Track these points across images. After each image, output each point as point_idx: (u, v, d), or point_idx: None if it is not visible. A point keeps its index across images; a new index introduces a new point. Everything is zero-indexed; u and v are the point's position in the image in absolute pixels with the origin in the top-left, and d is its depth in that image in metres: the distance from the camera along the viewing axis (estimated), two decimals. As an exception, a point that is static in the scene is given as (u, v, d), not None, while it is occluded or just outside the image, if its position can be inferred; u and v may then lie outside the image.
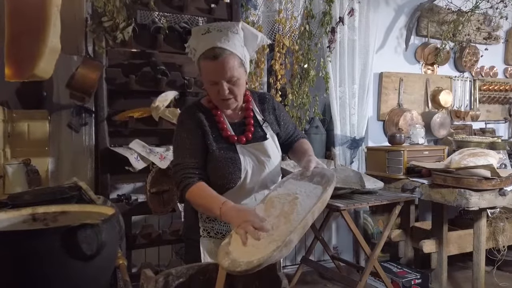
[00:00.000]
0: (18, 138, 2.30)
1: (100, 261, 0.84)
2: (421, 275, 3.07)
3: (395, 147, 3.13)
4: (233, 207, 1.35)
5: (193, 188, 1.44)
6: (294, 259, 3.36)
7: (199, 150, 1.50)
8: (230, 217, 1.32)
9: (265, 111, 1.63)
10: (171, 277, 1.42)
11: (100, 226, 0.81)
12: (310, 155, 1.51)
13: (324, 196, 1.27)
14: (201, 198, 1.44)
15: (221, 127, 1.54)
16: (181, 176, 1.47)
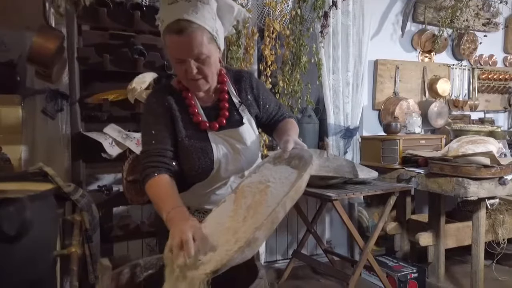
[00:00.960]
0: (-12, 124, 2.17)
1: (29, 243, 0.71)
2: (417, 269, 2.94)
3: (391, 136, 2.99)
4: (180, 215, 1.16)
5: (151, 181, 1.28)
6: (285, 253, 3.23)
7: (168, 136, 1.36)
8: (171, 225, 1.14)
9: (241, 92, 1.47)
10: (138, 268, 1.29)
11: (24, 202, 0.68)
12: (289, 135, 1.35)
13: (298, 183, 1.13)
14: (156, 196, 1.26)
15: (191, 112, 1.39)
16: (145, 165, 1.31)
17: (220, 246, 1.06)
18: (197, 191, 1.41)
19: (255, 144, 1.45)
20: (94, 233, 1.78)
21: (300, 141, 1.35)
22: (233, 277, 1.33)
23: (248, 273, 1.26)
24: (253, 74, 1.54)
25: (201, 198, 1.43)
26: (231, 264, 1.00)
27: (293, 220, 3.23)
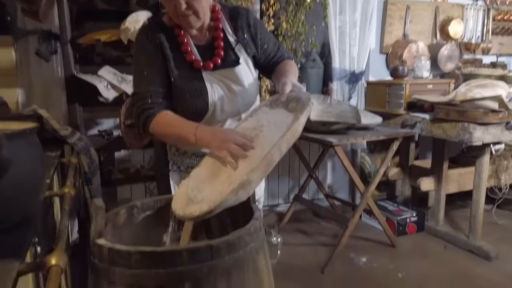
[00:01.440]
0: (-19, 67, 2.11)
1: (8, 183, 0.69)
2: (417, 213, 2.99)
3: (397, 80, 2.89)
4: (209, 129, 1.19)
5: (158, 118, 1.25)
6: (287, 197, 3.28)
7: (160, 76, 1.30)
8: (207, 142, 1.16)
9: (238, 30, 1.39)
10: (135, 209, 1.29)
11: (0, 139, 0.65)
12: (287, 77, 1.29)
13: (295, 125, 1.09)
14: (170, 127, 1.26)
15: (184, 50, 1.32)
16: (140, 107, 1.28)
17: (214, 188, 1.05)
18: None
19: (252, 86, 1.40)
20: (94, 176, 1.79)
21: (299, 83, 1.29)
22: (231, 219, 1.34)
23: (244, 214, 1.26)
24: (250, 11, 1.43)
25: None
26: (224, 206, 1.00)
27: (295, 165, 3.24)
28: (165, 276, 0.90)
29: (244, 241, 1.00)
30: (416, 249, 2.75)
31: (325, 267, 2.42)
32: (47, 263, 0.63)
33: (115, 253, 0.92)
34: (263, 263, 1.07)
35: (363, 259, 2.58)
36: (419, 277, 2.37)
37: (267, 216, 3.15)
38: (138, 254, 0.90)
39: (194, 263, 0.91)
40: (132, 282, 0.91)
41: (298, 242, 2.85)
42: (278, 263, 2.51)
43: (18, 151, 0.71)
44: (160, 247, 0.92)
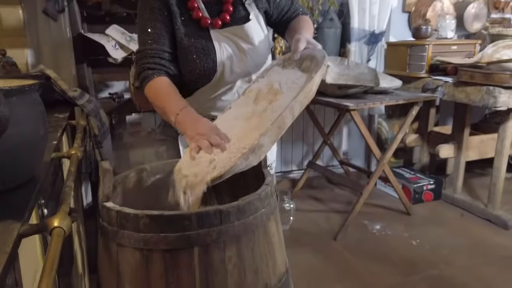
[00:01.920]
0: (-11, 26, 2.06)
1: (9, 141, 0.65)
2: (434, 181, 2.92)
3: (420, 41, 2.74)
4: (191, 116, 1.11)
5: (151, 83, 1.19)
6: (300, 163, 3.23)
7: (165, 35, 1.22)
8: (185, 128, 1.10)
9: None
10: (145, 173, 1.27)
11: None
12: (301, 34, 1.19)
13: (308, 86, 1.01)
14: (158, 99, 1.19)
15: (190, 6, 1.23)
16: (141, 66, 1.21)
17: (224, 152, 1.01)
18: (201, 96, 1.32)
19: (263, 44, 1.31)
20: (104, 139, 1.76)
21: (314, 40, 1.20)
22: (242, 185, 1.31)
23: (255, 180, 1.22)
24: None
25: (205, 104, 1.34)
26: (234, 171, 0.96)
27: (309, 131, 3.17)
28: (174, 240, 0.88)
29: (254, 206, 0.96)
30: (432, 217, 2.70)
31: (338, 234, 2.41)
32: (50, 225, 0.60)
33: (123, 216, 0.90)
34: (274, 229, 1.04)
35: (377, 226, 2.56)
36: (434, 245, 2.34)
37: (280, 182, 3.13)
38: (146, 217, 0.88)
39: (203, 227, 0.89)
40: (141, 245, 0.89)
41: (311, 208, 2.83)
42: (290, 229, 2.50)
43: (17, 109, 0.67)
44: (168, 211, 0.89)
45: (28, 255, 0.74)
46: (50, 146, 1.00)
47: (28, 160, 0.72)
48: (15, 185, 0.70)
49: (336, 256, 2.24)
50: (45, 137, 0.77)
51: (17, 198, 0.68)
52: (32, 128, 0.71)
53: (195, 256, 0.89)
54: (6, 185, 0.68)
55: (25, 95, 0.70)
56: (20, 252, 0.59)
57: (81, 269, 1.64)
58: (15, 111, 0.66)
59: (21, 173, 0.71)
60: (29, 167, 0.73)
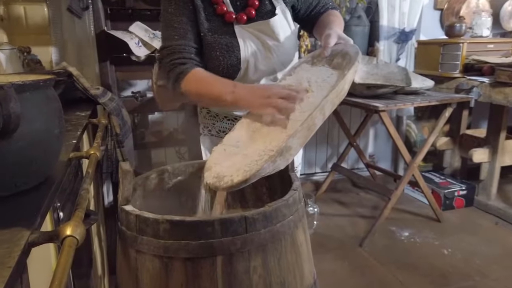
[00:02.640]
0: (15, 23, 2.06)
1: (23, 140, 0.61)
2: (466, 186, 2.78)
3: (453, 39, 2.61)
4: (248, 87, 1.06)
5: (189, 76, 1.12)
6: (324, 166, 3.14)
7: (191, 30, 1.17)
8: (247, 101, 1.03)
9: None
10: (166, 174, 1.22)
11: (6, 91, 0.56)
12: (331, 28, 1.11)
13: (340, 84, 0.93)
14: (204, 85, 1.12)
15: (215, 0, 1.17)
16: (170, 63, 1.15)
17: (250, 155, 0.94)
18: None
19: (290, 40, 1.24)
20: (126, 138, 1.73)
21: (345, 35, 1.12)
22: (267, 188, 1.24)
23: (281, 184, 1.15)
24: None
25: None
26: (260, 175, 0.89)
27: (334, 133, 3.08)
28: (195, 248, 0.82)
29: (282, 213, 0.90)
30: (464, 224, 2.56)
31: (364, 240, 2.31)
32: (61, 233, 0.55)
33: (142, 220, 0.85)
34: (302, 238, 0.97)
35: (405, 233, 2.44)
36: (467, 254, 2.21)
37: (303, 184, 3.04)
38: (166, 223, 0.82)
39: (227, 235, 0.83)
40: (160, 252, 0.84)
41: (335, 212, 2.74)
42: (314, 234, 2.42)
43: (30, 106, 0.62)
44: (190, 217, 0.83)
45: (41, 265, 0.69)
46: (69, 145, 0.96)
47: (42, 161, 0.67)
48: (28, 187, 0.65)
49: (362, 264, 2.15)
50: (61, 136, 0.72)
51: (29, 202, 0.63)
52: (47, 126, 0.66)
53: (218, 265, 0.83)
54: (18, 187, 0.63)
55: (39, 90, 0.66)
56: (30, 262, 0.54)
57: (101, 271, 1.61)
58: (28, 108, 0.62)
59: (34, 174, 0.66)
60: (43, 168, 0.69)
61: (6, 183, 0.61)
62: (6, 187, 0.62)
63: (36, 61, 2.07)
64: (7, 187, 0.62)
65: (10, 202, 0.62)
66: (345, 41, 1.09)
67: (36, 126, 0.63)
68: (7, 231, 0.53)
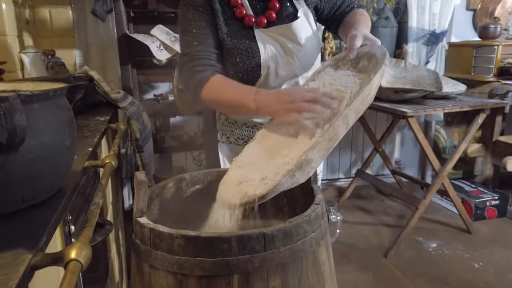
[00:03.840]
0: (40, 26, 2.08)
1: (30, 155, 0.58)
2: (499, 196, 2.64)
3: (487, 41, 2.48)
4: (271, 93, 1.00)
5: (210, 84, 1.07)
6: (348, 171, 3.05)
7: (211, 35, 1.12)
8: (271, 107, 0.95)
9: None
10: (184, 183, 1.18)
11: (11, 103, 0.53)
12: (357, 29, 1.04)
13: (365, 90, 0.86)
14: (225, 93, 1.07)
15: (234, 3, 1.13)
16: (190, 70, 1.10)
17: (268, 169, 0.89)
18: None
19: (312, 44, 1.18)
20: (146, 143, 1.71)
21: (372, 35, 1.05)
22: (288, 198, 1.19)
23: (302, 195, 1.10)
24: None
25: None
26: (279, 190, 0.84)
27: (358, 137, 2.98)
28: (211, 265, 0.78)
29: (303, 229, 0.84)
30: (496, 236, 2.43)
31: (389, 251, 2.21)
32: (66, 256, 0.51)
33: (156, 234, 0.82)
34: (324, 257, 0.91)
35: (432, 244, 2.33)
36: (499, 269, 2.09)
37: (325, 190, 2.97)
38: (181, 238, 0.78)
39: (244, 253, 0.78)
40: (175, 269, 0.80)
41: (359, 221, 2.65)
42: (336, 242, 2.34)
43: (39, 117, 0.59)
44: (205, 232, 0.79)
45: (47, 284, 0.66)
46: (85, 153, 0.94)
47: (52, 174, 0.64)
48: (37, 201, 0.63)
49: (387, 276, 2.06)
50: (72, 147, 0.69)
51: (36, 218, 0.60)
52: (56, 138, 0.63)
53: (235, 284, 0.79)
54: (26, 202, 0.61)
55: (49, 100, 0.63)
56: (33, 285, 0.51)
57: (118, 277, 1.60)
58: (36, 120, 0.59)
59: (43, 188, 0.63)
60: (53, 181, 0.66)
61: (12, 199, 0.58)
62: (13, 203, 0.59)
63: (60, 64, 2.08)
64: (14, 203, 0.59)
65: (16, 219, 0.59)
66: (372, 42, 1.02)
67: (44, 138, 0.60)
68: (9, 254, 0.50)
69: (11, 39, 1.73)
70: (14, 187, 0.58)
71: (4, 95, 0.53)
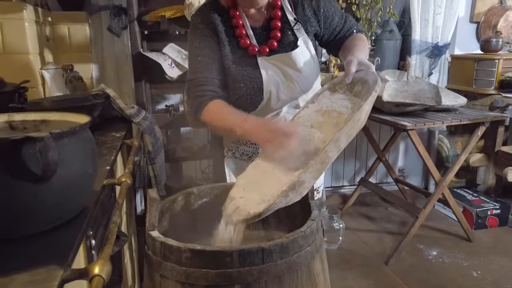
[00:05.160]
0: (59, 43, 2.21)
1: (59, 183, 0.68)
2: (500, 205, 2.69)
3: (489, 55, 2.54)
4: (257, 121, 1.10)
5: (207, 108, 1.18)
6: (352, 179, 3.13)
7: (216, 62, 1.22)
8: (253, 134, 1.07)
9: (297, 6, 1.26)
10: (192, 196, 1.28)
11: (46, 141, 0.63)
12: (353, 54, 1.13)
13: (356, 116, 0.95)
14: (218, 118, 1.18)
15: (238, 34, 1.22)
16: (193, 94, 1.21)
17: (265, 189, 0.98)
18: None
19: (311, 69, 1.27)
20: (158, 155, 1.82)
21: (367, 61, 1.13)
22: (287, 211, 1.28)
23: (301, 208, 1.19)
24: None
25: None
26: (274, 209, 0.93)
27: (362, 147, 3.06)
28: (214, 276, 0.87)
29: (299, 244, 0.93)
30: (496, 245, 2.48)
31: (390, 258, 2.29)
32: (90, 272, 0.61)
33: (167, 248, 0.91)
34: (319, 268, 1.00)
35: (433, 252, 2.40)
36: (497, 278, 2.14)
37: (330, 197, 3.04)
38: (188, 251, 0.88)
39: (244, 265, 0.87)
40: (182, 279, 0.89)
41: (362, 228, 2.73)
42: (339, 249, 2.42)
43: (68, 150, 0.69)
44: (210, 246, 0.89)
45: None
46: (103, 172, 1.04)
47: (76, 198, 0.74)
48: (63, 222, 0.73)
49: (387, 283, 2.13)
50: (94, 173, 0.80)
51: (63, 236, 0.70)
52: (82, 168, 0.74)
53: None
54: (54, 223, 0.71)
55: (76, 135, 0.73)
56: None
57: (131, 281, 1.70)
58: (65, 153, 0.69)
59: (68, 210, 0.74)
60: (77, 204, 0.76)
61: (43, 220, 0.69)
62: (42, 224, 0.69)
63: (78, 78, 2.21)
64: (44, 224, 0.69)
65: (44, 238, 0.69)
66: (367, 68, 1.10)
67: (72, 168, 0.70)
68: (44, 270, 0.60)
69: (33, 57, 1.86)
70: (44, 212, 0.68)
71: (39, 135, 0.64)
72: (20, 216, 0.65)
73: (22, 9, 1.77)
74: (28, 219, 0.66)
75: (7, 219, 0.65)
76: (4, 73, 1.53)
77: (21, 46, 1.80)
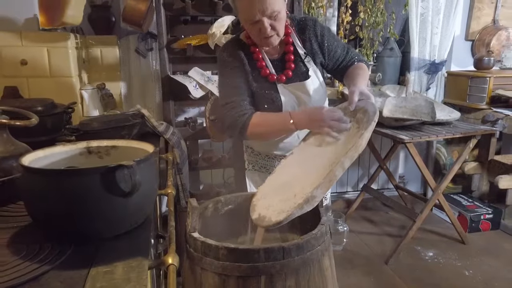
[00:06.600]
0: (93, 63, 2.47)
1: (138, 197, 0.92)
2: (493, 210, 2.91)
3: (481, 72, 2.77)
4: (302, 113, 1.37)
5: (251, 122, 1.40)
6: (356, 185, 3.36)
7: (245, 86, 1.46)
8: (306, 124, 1.36)
9: (306, 42, 1.49)
10: (220, 204, 1.53)
11: (134, 167, 0.87)
12: (355, 85, 1.36)
13: (358, 142, 1.19)
14: (267, 124, 1.42)
15: (259, 66, 1.47)
16: (235, 115, 1.42)
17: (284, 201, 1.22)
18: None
19: (319, 95, 1.52)
20: (184, 166, 2.06)
21: (367, 90, 1.35)
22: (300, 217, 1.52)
23: (312, 216, 1.42)
24: (317, 21, 1.52)
25: (270, 145, 1.58)
26: (291, 218, 1.16)
27: (365, 156, 3.30)
28: (245, 269, 1.10)
29: (311, 244, 1.17)
30: (488, 247, 2.70)
31: (389, 258, 2.52)
32: (166, 262, 0.86)
33: (206, 246, 1.15)
34: (327, 263, 1.24)
35: (429, 253, 2.62)
36: (487, 277, 2.36)
37: (335, 202, 3.28)
38: (224, 249, 1.11)
39: (268, 260, 1.10)
40: (219, 271, 1.13)
41: (365, 230, 2.96)
42: (343, 250, 2.65)
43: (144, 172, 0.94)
44: (241, 245, 1.13)
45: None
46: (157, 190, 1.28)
47: (147, 207, 0.99)
48: (137, 225, 0.97)
49: (386, 280, 2.36)
50: (157, 187, 1.04)
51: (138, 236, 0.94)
52: (151, 184, 0.98)
53: (262, 283, 1.11)
54: (132, 226, 0.95)
55: (149, 161, 0.97)
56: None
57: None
58: (143, 174, 0.93)
59: (141, 217, 0.98)
60: (146, 211, 1.01)
61: (124, 225, 0.93)
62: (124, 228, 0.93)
63: (109, 95, 2.47)
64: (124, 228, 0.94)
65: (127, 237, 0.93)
66: (367, 97, 1.33)
67: (146, 185, 0.95)
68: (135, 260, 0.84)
69: (74, 79, 2.12)
70: (129, 218, 0.93)
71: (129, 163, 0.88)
72: (114, 221, 0.90)
73: (67, 39, 2.03)
74: (119, 223, 0.91)
75: (105, 223, 0.89)
76: (52, 95, 1.78)
77: (65, 70, 2.05)
